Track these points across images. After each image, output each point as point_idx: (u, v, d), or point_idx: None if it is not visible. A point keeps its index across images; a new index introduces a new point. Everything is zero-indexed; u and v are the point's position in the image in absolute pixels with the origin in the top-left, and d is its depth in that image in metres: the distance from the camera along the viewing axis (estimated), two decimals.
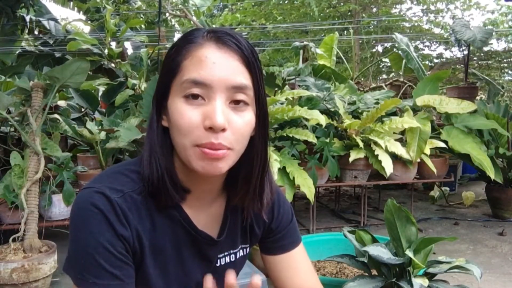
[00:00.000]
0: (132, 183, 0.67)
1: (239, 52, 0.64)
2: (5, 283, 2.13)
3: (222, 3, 9.63)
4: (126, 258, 0.65)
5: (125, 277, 0.64)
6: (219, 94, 0.62)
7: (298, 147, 3.04)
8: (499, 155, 3.60)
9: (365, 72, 7.40)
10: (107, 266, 0.62)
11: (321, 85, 3.68)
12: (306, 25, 9.32)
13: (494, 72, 9.52)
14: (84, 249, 0.63)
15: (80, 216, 0.64)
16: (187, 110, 0.62)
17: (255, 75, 0.65)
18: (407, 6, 11.04)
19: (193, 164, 0.63)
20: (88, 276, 0.62)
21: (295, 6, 10.19)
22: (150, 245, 0.68)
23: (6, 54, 4.84)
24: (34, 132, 2.49)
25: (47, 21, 5.56)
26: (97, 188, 0.64)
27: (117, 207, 0.63)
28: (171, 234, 0.70)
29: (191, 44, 0.64)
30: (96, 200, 0.63)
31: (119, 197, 0.64)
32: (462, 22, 4.32)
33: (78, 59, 2.65)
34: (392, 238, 0.93)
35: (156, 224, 0.68)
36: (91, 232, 0.62)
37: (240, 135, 0.64)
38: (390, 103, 3.08)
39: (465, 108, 3.36)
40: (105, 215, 0.63)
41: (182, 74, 0.64)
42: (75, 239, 0.64)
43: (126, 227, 0.64)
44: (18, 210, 2.48)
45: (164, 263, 0.70)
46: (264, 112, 0.69)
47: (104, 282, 0.62)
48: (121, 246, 0.64)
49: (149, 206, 0.67)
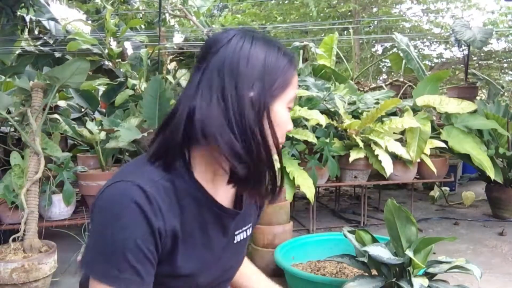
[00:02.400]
0: (159, 171, 0.70)
1: None
2: (5, 283, 2.13)
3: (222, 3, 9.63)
4: (152, 255, 0.66)
5: (146, 275, 0.65)
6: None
7: (298, 147, 3.04)
8: (499, 155, 3.60)
9: (365, 72, 7.40)
10: (133, 261, 0.63)
11: (321, 85, 3.68)
12: (306, 25, 9.32)
13: (494, 72, 9.52)
14: (115, 244, 0.63)
15: (115, 211, 0.64)
16: (288, 117, 0.76)
17: None
18: (407, 6, 11.04)
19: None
20: (112, 269, 0.63)
21: (294, 6, 10.19)
22: (181, 230, 0.71)
23: (6, 54, 4.83)
24: (34, 132, 2.49)
25: (47, 21, 5.56)
26: (131, 181, 0.66)
27: (153, 199, 0.65)
28: (197, 215, 0.74)
29: (294, 66, 0.76)
30: (134, 194, 0.64)
31: (151, 187, 0.66)
32: (462, 22, 4.33)
33: (78, 59, 2.65)
34: (392, 238, 0.92)
35: (184, 207, 0.71)
36: (127, 227, 0.63)
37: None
38: (390, 103, 3.08)
39: (465, 108, 3.36)
40: (143, 211, 0.64)
41: (291, 88, 0.75)
42: (106, 234, 0.64)
43: (160, 218, 0.66)
44: (18, 210, 2.48)
45: (192, 244, 0.73)
46: None
47: (126, 276, 0.63)
48: (152, 243, 0.65)
49: (177, 192, 0.70)
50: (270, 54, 0.72)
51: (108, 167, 3.01)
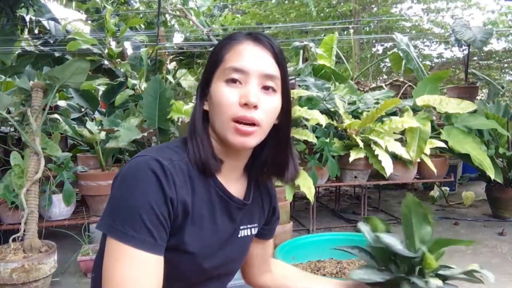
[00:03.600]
0: (178, 154, 0.79)
1: (271, 49, 0.80)
2: (5, 283, 2.13)
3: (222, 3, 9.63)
4: (166, 222, 0.72)
5: (159, 238, 0.71)
6: (253, 78, 0.77)
7: (298, 147, 3.03)
8: (499, 155, 3.60)
9: (365, 72, 7.40)
10: (148, 224, 0.70)
11: (321, 85, 3.68)
12: (306, 25, 9.32)
13: (494, 72, 9.52)
14: (133, 206, 0.70)
15: (135, 177, 0.73)
16: (228, 91, 0.76)
17: (282, 69, 0.80)
18: (408, 5, 11.04)
19: (229, 137, 0.76)
20: (129, 229, 0.69)
21: (294, 6, 10.19)
22: (191, 209, 0.77)
23: (6, 54, 4.83)
24: (34, 132, 2.49)
25: (47, 21, 5.56)
26: (150, 156, 0.74)
27: (168, 172, 0.73)
28: (208, 200, 0.81)
29: (234, 41, 0.80)
30: (152, 165, 0.72)
31: (169, 163, 0.74)
32: (462, 22, 4.32)
33: (78, 59, 2.65)
34: (405, 235, 0.90)
35: (196, 189, 0.79)
36: (145, 191, 0.71)
37: (268, 114, 0.78)
38: (390, 103, 3.08)
39: (465, 108, 3.36)
40: (158, 178, 0.72)
41: (225, 63, 0.78)
42: (125, 197, 0.72)
43: (173, 190, 0.73)
44: (18, 210, 2.48)
45: (201, 226, 0.79)
46: (288, 102, 0.83)
47: (141, 236, 0.69)
48: (165, 210, 0.72)
49: (191, 174, 0.78)
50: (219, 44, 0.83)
51: (108, 167, 3.00)
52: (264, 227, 1.01)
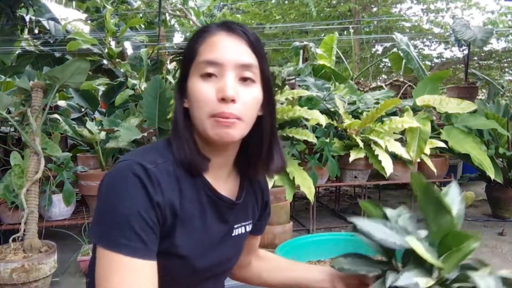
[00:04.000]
0: (163, 156, 0.76)
1: (245, 37, 0.76)
2: (5, 283, 2.13)
3: (222, 3, 9.63)
4: (155, 226, 0.71)
5: (150, 243, 0.70)
6: (229, 71, 0.73)
7: (298, 147, 3.03)
8: (499, 155, 3.60)
9: (365, 72, 7.40)
10: (138, 230, 0.68)
11: (321, 85, 3.68)
12: (305, 25, 9.32)
13: (494, 72, 9.53)
14: (120, 213, 0.68)
15: (119, 184, 0.71)
16: (204, 87, 0.73)
17: (259, 57, 0.76)
18: (407, 5, 11.04)
19: (209, 133, 0.73)
20: (119, 237, 0.68)
21: (294, 6, 10.19)
22: (180, 211, 0.75)
23: (6, 54, 4.83)
24: (34, 132, 2.49)
25: (47, 21, 5.56)
26: (134, 160, 0.72)
27: (153, 176, 0.71)
28: (197, 201, 0.79)
29: (206, 32, 0.77)
30: (136, 170, 0.70)
31: (153, 167, 0.72)
32: (462, 22, 4.32)
33: (78, 59, 2.65)
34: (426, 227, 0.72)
35: (184, 191, 0.76)
36: (131, 198, 0.69)
37: (247, 106, 0.74)
38: (390, 103, 3.08)
39: (465, 108, 3.36)
40: (143, 183, 0.70)
41: (198, 57, 0.75)
42: (112, 204, 0.70)
43: (159, 194, 0.71)
44: (18, 210, 2.48)
45: (191, 228, 0.78)
46: (269, 90, 0.79)
47: (132, 244, 0.68)
48: (153, 214, 0.70)
49: (178, 176, 0.76)
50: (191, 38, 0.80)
51: (108, 167, 3.01)
52: (256, 223, 0.98)
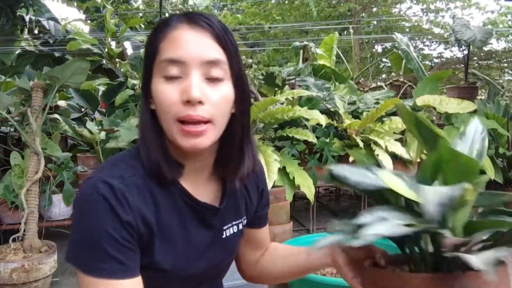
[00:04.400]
0: (132, 168, 0.71)
1: (210, 29, 0.68)
2: (5, 283, 2.13)
3: (222, 3, 9.63)
4: (130, 243, 0.67)
5: (129, 261, 0.67)
6: (194, 70, 0.66)
7: (298, 147, 3.03)
8: (499, 155, 3.59)
9: (365, 72, 7.41)
10: (112, 251, 0.65)
11: (321, 85, 3.68)
12: (305, 25, 9.32)
13: (494, 72, 9.53)
14: (91, 236, 0.66)
15: (86, 206, 0.67)
16: (167, 89, 0.67)
17: (228, 50, 0.69)
18: (407, 5, 11.05)
19: (178, 141, 0.67)
20: (95, 262, 0.65)
21: (294, 6, 10.19)
22: (157, 225, 0.71)
23: (6, 54, 4.84)
24: (34, 132, 2.49)
25: (47, 21, 5.56)
26: (99, 178, 0.68)
27: (119, 193, 0.66)
28: (175, 211, 0.73)
29: (166, 27, 0.69)
30: (101, 189, 0.66)
31: (120, 183, 0.67)
32: (462, 22, 4.32)
33: (78, 59, 2.65)
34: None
35: (159, 203, 0.71)
36: (98, 219, 0.65)
37: (218, 107, 0.67)
38: (390, 103, 3.08)
39: (465, 108, 3.36)
40: (109, 203, 0.66)
41: (160, 56, 0.68)
42: (82, 228, 0.67)
43: (128, 212, 0.67)
44: (18, 210, 2.48)
45: (172, 239, 0.73)
46: (242, 86, 0.72)
47: (109, 266, 0.65)
48: (126, 233, 0.67)
49: (151, 188, 0.71)
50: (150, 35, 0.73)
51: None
52: (254, 215, 0.92)
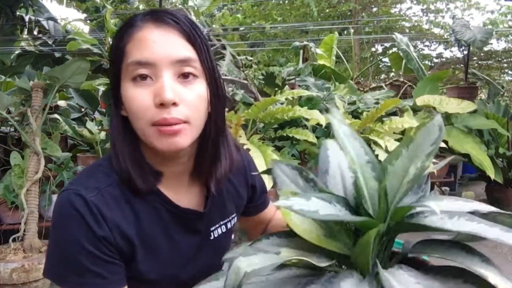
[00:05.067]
0: (107, 178, 0.68)
1: (178, 27, 0.65)
2: (5, 283, 2.12)
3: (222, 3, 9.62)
4: (109, 256, 0.65)
5: (110, 274, 0.65)
6: (165, 70, 0.63)
7: (298, 147, 3.03)
8: (499, 155, 3.60)
9: (365, 72, 7.41)
10: (90, 266, 0.63)
11: (321, 85, 3.68)
12: (306, 25, 9.32)
13: (494, 72, 9.53)
14: (67, 251, 0.64)
15: (60, 220, 0.65)
16: (138, 92, 0.63)
17: (198, 47, 0.66)
18: (407, 5, 11.05)
19: (154, 143, 0.64)
20: (72, 276, 0.63)
21: (294, 6, 10.19)
22: (138, 236, 0.68)
23: (6, 54, 4.83)
24: (34, 132, 2.49)
25: (46, 21, 5.55)
26: (73, 190, 0.65)
27: (93, 207, 0.64)
28: (157, 219, 0.70)
29: (131, 27, 0.66)
30: (75, 203, 0.64)
31: (94, 195, 0.65)
32: (462, 22, 4.32)
33: (78, 59, 2.65)
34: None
35: (139, 213, 0.68)
36: (73, 234, 0.63)
37: (193, 107, 0.65)
38: (390, 103, 3.08)
39: (465, 108, 3.36)
40: (82, 217, 0.63)
41: (127, 58, 0.65)
42: (57, 243, 0.66)
43: (103, 227, 0.64)
44: (18, 210, 2.48)
45: (155, 248, 0.71)
46: (215, 83, 0.69)
47: (88, 280, 0.63)
48: (103, 246, 0.64)
49: (128, 197, 0.68)
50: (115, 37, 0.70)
51: None
52: (248, 205, 0.90)
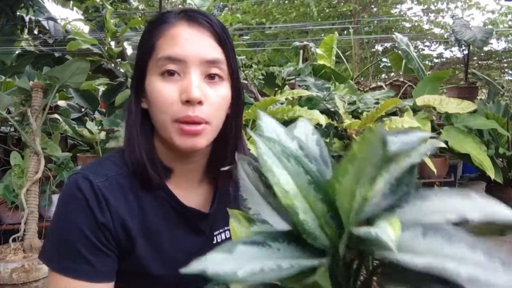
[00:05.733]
0: (117, 167, 0.69)
1: (211, 28, 0.66)
2: (5, 283, 2.13)
3: (222, 3, 9.63)
4: (105, 246, 0.65)
5: (100, 265, 0.65)
6: (193, 68, 0.64)
7: None
8: (499, 155, 3.60)
9: (365, 72, 7.40)
10: (85, 252, 0.64)
11: (321, 85, 3.68)
12: (306, 25, 9.32)
13: (494, 72, 9.53)
14: (67, 235, 0.65)
15: (64, 202, 0.66)
16: (165, 87, 0.64)
17: (227, 50, 0.67)
18: (407, 6, 11.05)
19: (174, 140, 0.64)
20: (65, 260, 0.64)
21: (294, 6, 10.20)
22: (140, 228, 0.68)
23: (6, 54, 4.83)
24: (34, 132, 2.49)
25: (46, 21, 5.56)
26: (83, 174, 0.66)
27: (99, 192, 0.64)
28: (162, 214, 0.71)
29: (164, 24, 0.67)
30: (82, 186, 0.65)
31: (102, 181, 0.66)
32: (462, 22, 4.32)
33: (78, 59, 2.65)
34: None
35: (145, 206, 0.69)
36: (74, 216, 0.64)
37: (216, 108, 0.66)
38: (390, 103, 3.08)
39: (465, 108, 3.36)
40: (87, 202, 0.64)
41: (157, 53, 0.65)
42: (57, 225, 0.66)
43: (105, 214, 0.65)
44: (18, 210, 2.48)
45: (158, 244, 0.71)
46: (238, 88, 0.70)
47: (79, 267, 0.64)
48: (101, 235, 0.65)
49: (136, 189, 0.69)
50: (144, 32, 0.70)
51: None
52: None
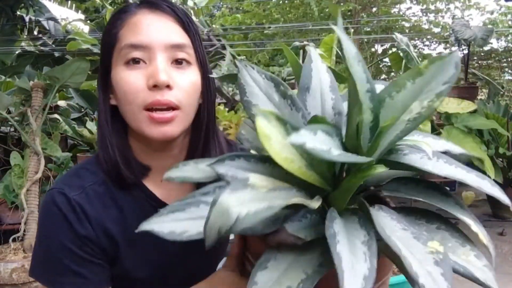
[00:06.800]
0: (93, 175, 0.67)
1: (173, 13, 0.65)
2: (5, 283, 2.13)
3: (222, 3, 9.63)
4: (92, 256, 0.65)
5: (91, 274, 0.64)
6: (159, 54, 0.62)
7: None
8: (499, 155, 3.60)
9: None
10: (71, 265, 0.63)
11: None
12: (306, 25, 9.32)
13: (494, 72, 9.53)
14: (49, 251, 0.64)
15: (44, 219, 0.66)
16: (130, 75, 0.62)
17: (192, 35, 0.66)
18: (407, 6, 11.05)
19: (145, 130, 0.62)
20: (53, 275, 0.64)
21: (294, 5, 10.20)
22: (122, 233, 0.67)
23: (6, 54, 4.83)
24: (34, 132, 2.49)
25: (47, 21, 5.55)
26: (57, 189, 0.65)
27: (76, 206, 0.63)
28: (142, 215, 0.67)
29: (125, 13, 0.66)
30: (58, 202, 0.64)
31: (78, 193, 0.64)
32: (462, 21, 4.32)
33: (78, 59, 2.65)
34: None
35: (124, 209, 0.67)
36: (55, 232, 0.63)
37: (186, 93, 0.63)
38: None
39: (465, 108, 3.36)
40: (65, 216, 0.63)
41: (120, 42, 0.64)
42: (41, 241, 0.66)
43: (86, 226, 0.64)
44: (18, 210, 2.48)
45: (141, 246, 0.69)
46: (206, 74, 0.69)
47: (68, 280, 0.63)
48: (85, 245, 0.64)
49: (113, 194, 0.67)
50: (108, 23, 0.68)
51: None
52: None
